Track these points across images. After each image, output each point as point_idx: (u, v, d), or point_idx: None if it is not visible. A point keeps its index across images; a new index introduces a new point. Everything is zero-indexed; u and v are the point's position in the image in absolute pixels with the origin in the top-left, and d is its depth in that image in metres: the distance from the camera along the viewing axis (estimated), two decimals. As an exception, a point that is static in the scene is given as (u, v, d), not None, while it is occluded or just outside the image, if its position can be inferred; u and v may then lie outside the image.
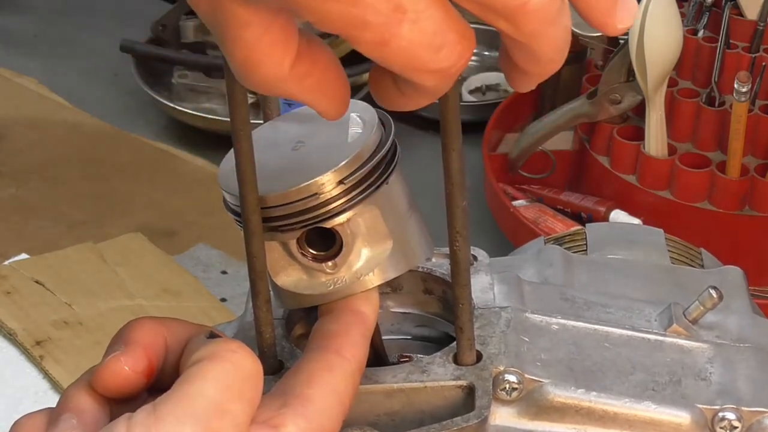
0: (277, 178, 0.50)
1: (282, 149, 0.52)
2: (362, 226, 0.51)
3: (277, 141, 0.53)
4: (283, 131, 0.54)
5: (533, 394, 0.55)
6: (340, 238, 0.51)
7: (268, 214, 0.50)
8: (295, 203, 0.50)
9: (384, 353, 0.57)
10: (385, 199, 0.51)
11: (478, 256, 0.61)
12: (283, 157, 0.52)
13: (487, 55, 1.75)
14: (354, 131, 0.51)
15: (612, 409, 0.55)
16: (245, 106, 0.47)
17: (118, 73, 1.70)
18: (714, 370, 0.57)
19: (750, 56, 1.31)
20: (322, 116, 0.44)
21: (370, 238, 0.51)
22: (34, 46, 1.80)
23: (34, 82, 1.69)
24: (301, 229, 0.51)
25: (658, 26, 1.25)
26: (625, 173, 1.34)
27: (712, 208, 1.29)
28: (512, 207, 1.33)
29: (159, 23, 1.64)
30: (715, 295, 0.58)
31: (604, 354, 0.57)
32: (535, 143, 1.41)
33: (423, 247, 0.53)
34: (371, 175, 0.50)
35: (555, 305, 0.60)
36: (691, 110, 1.32)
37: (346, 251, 0.51)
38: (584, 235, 0.71)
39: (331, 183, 0.50)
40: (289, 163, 0.51)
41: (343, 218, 0.50)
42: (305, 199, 0.50)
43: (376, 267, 0.52)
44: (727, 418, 0.55)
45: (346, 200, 0.50)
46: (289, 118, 0.55)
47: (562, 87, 1.45)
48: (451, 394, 0.54)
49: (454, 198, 0.50)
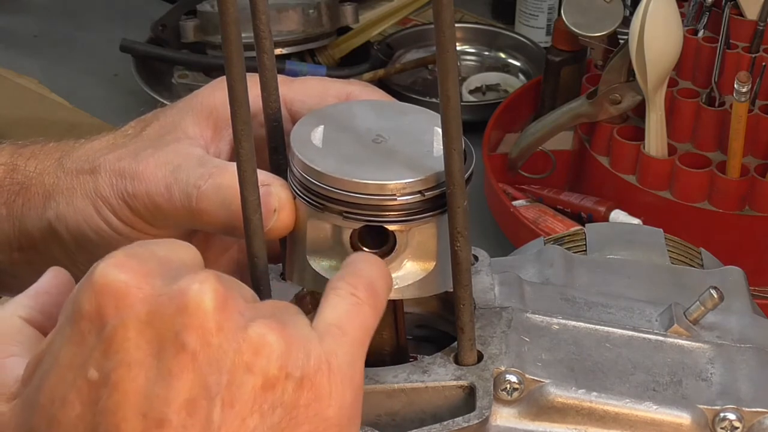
0: (356, 166, 0.51)
1: (362, 138, 0.53)
2: (416, 239, 0.52)
3: (356, 128, 0.53)
4: (361, 118, 0.54)
5: (534, 394, 0.55)
6: (394, 243, 0.52)
7: (337, 196, 0.51)
8: (371, 196, 0.50)
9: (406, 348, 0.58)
10: (444, 222, 0.52)
11: (479, 256, 0.61)
12: (363, 146, 0.52)
13: (487, 55, 1.75)
14: (439, 147, 0.51)
15: (613, 409, 0.55)
16: (246, 106, 0.47)
17: (118, 73, 1.70)
18: (715, 371, 0.57)
19: (750, 56, 1.31)
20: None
21: (418, 253, 0.52)
22: (34, 46, 1.80)
23: (34, 82, 1.69)
24: (365, 222, 0.51)
25: (658, 26, 1.24)
26: (625, 173, 1.34)
27: (712, 208, 1.29)
28: (512, 207, 1.33)
29: (159, 23, 1.63)
30: (716, 296, 0.58)
31: (605, 354, 0.57)
32: (535, 143, 1.41)
33: (450, 278, 0.53)
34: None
35: (556, 305, 0.60)
36: (691, 110, 1.32)
37: (394, 257, 0.52)
38: (584, 235, 0.71)
39: (413, 190, 0.50)
40: (370, 154, 0.52)
41: (407, 226, 0.51)
42: (383, 196, 0.50)
43: (413, 281, 0.53)
44: (728, 419, 0.55)
45: (419, 211, 0.51)
46: (365, 105, 0.56)
47: (562, 87, 1.45)
48: (452, 394, 0.54)
49: (455, 198, 0.50)
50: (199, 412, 0.43)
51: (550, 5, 1.71)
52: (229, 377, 0.43)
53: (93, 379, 0.43)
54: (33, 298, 0.51)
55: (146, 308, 0.43)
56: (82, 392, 0.43)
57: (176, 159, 0.58)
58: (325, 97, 0.59)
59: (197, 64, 1.62)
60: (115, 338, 0.43)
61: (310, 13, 1.56)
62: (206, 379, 0.43)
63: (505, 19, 1.79)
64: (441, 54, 0.47)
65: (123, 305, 0.43)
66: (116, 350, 0.43)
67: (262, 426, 0.44)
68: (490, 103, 1.56)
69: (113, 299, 0.44)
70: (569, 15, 1.36)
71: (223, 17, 0.45)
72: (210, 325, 0.43)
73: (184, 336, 0.43)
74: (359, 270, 0.49)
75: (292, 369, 0.44)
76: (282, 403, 0.44)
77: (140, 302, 0.44)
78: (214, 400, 0.43)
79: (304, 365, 0.45)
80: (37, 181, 0.63)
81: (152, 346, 0.43)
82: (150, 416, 0.43)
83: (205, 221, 0.56)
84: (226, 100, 0.48)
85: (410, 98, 1.55)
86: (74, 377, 0.44)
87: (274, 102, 0.55)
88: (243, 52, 0.46)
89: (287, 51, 1.56)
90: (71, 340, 0.44)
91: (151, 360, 0.43)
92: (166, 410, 0.43)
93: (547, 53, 1.47)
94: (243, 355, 0.44)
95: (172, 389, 0.43)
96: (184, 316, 0.43)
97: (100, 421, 0.43)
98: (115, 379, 0.43)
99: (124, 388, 0.43)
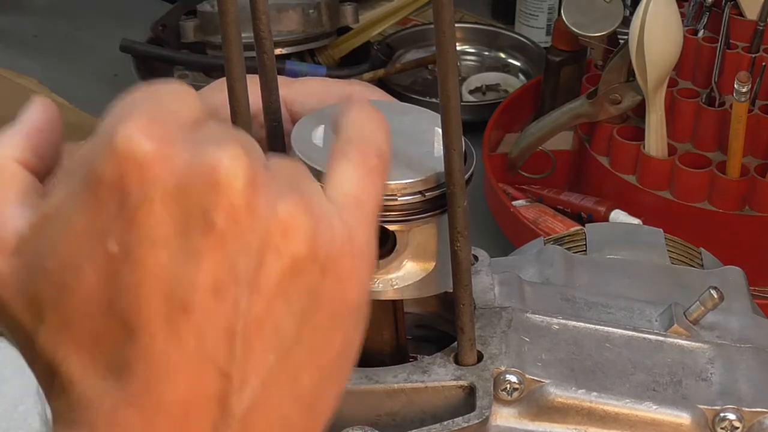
0: None
1: None
2: (416, 240, 0.52)
3: None
4: None
5: (534, 394, 0.55)
6: (394, 243, 0.52)
7: None
8: None
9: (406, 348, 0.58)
10: (445, 222, 0.52)
11: (479, 257, 0.61)
12: None
13: (487, 55, 1.75)
14: (440, 147, 0.51)
15: (613, 409, 0.55)
16: (246, 105, 0.47)
17: (118, 73, 1.70)
18: (715, 371, 0.57)
19: (750, 56, 1.31)
20: None
21: (418, 253, 0.52)
22: (34, 46, 1.80)
23: (34, 82, 1.68)
24: None
25: (658, 26, 1.24)
26: (625, 173, 1.34)
27: (712, 208, 1.29)
28: (512, 207, 1.33)
29: (159, 23, 1.63)
30: (716, 296, 0.58)
31: (605, 354, 0.57)
32: (535, 143, 1.41)
33: (450, 279, 0.53)
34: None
35: (556, 305, 0.60)
36: (691, 110, 1.32)
37: (394, 257, 0.52)
38: (584, 235, 0.71)
39: (413, 190, 0.51)
40: None
41: (407, 226, 0.51)
42: (383, 196, 0.50)
43: (413, 282, 0.53)
44: (728, 419, 0.55)
45: (419, 211, 0.51)
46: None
47: (562, 87, 1.45)
48: (452, 394, 0.54)
49: (455, 198, 0.50)
50: (225, 296, 0.40)
51: (550, 5, 1.71)
52: (257, 259, 0.41)
53: (113, 252, 0.40)
54: (26, 138, 0.46)
55: (173, 182, 0.40)
56: (100, 263, 0.40)
57: None
58: (326, 98, 0.59)
59: (197, 64, 1.62)
60: (139, 212, 0.40)
61: (310, 13, 1.56)
62: (235, 261, 0.40)
63: (505, 19, 1.79)
64: (441, 54, 0.47)
65: (149, 177, 0.40)
66: (140, 225, 0.40)
67: (287, 311, 0.42)
68: (490, 103, 1.56)
69: (138, 169, 0.40)
70: (569, 15, 1.36)
71: (223, 17, 0.45)
72: (240, 203, 0.40)
73: (213, 214, 0.40)
74: (368, 135, 0.47)
75: (319, 251, 0.42)
76: (307, 288, 0.42)
77: (167, 175, 0.40)
78: (241, 284, 0.41)
79: (329, 247, 0.42)
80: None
81: (178, 224, 0.40)
82: (174, 298, 0.40)
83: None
84: (226, 102, 0.47)
85: (410, 98, 1.55)
86: (91, 246, 0.41)
87: (275, 102, 0.55)
88: (243, 52, 0.46)
89: (287, 51, 1.56)
90: (88, 205, 0.41)
91: (177, 238, 0.40)
92: (192, 293, 0.40)
93: (547, 53, 1.47)
94: (272, 236, 0.41)
95: (199, 271, 0.40)
96: (215, 193, 0.40)
97: (119, 297, 0.40)
98: (138, 256, 0.40)
99: (147, 267, 0.40)
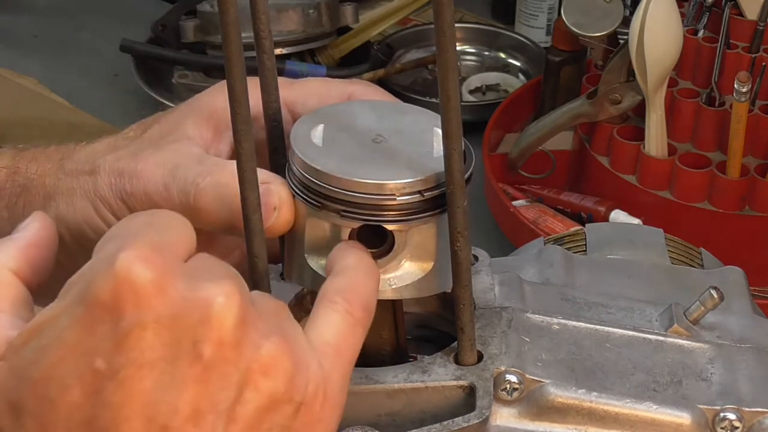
0: (355, 165, 0.51)
1: (362, 137, 0.53)
2: (414, 239, 0.52)
3: (357, 127, 0.54)
4: (361, 118, 0.54)
5: (534, 394, 0.55)
6: (392, 242, 0.52)
7: (336, 195, 0.51)
8: (370, 196, 0.50)
9: (406, 348, 0.58)
10: (444, 222, 0.52)
11: (479, 257, 0.61)
12: (363, 145, 0.52)
13: (487, 55, 1.75)
14: (439, 147, 0.51)
15: (613, 409, 0.55)
16: (246, 106, 0.47)
17: (118, 73, 1.70)
18: (715, 371, 0.57)
19: (750, 56, 1.31)
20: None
21: (416, 253, 0.52)
22: (34, 46, 1.80)
23: (34, 82, 1.68)
24: (364, 221, 0.51)
25: (658, 26, 1.24)
26: (625, 173, 1.34)
27: (712, 208, 1.29)
28: (512, 207, 1.33)
29: (159, 23, 1.63)
30: (716, 296, 0.58)
31: (605, 354, 0.57)
32: (535, 143, 1.41)
33: (449, 279, 0.53)
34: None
35: (556, 305, 0.60)
36: (691, 110, 1.32)
37: (392, 257, 0.52)
38: (584, 235, 0.71)
39: (412, 190, 0.51)
40: (370, 154, 0.52)
41: (406, 226, 0.51)
42: (382, 195, 0.50)
43: (411, 282, 0.53)
44: (728, 419, 0.55)
45: (418, 211, 0.51)
46: (365, 105, 0.56)
47: (562, 87, 1.45)
48: (452, 394, 0.54)
49: (455, 198, 0.50)
50: (204, 425, 0.43)
51: (550, 5, 1.71)
52: (237, 393, 0.43)
53: (100, 370, 0.42)
54: (23, 251, 0.49)
55: (168, 312, 0.43)
56: (85, 380, 0.42)
57: (175, 158, 0.58)
58: (327, 98, 0.59)
59: (197, 64, 1.62)
60: (130, 335, 0.42)
61: (310, 13, 1.56)
62: (216, 392, 0.43)
63: (505, 19, 1.79)
64: (441, 54, 0.47)
65: (144, 304, 0.42)
66: (130, 347, 0.42)
67: None
68: (490, 103, 1.56)
69: (134, 295, 0.42)
70: (569, 15, 1.36)
71: (223, 17, 0.45)
72: (229, 338, 0.43)
73: (202, 346, 0.43)
74: (358, 286, 0.50)
75: (295, 393, 0.45)
76: (280, 424, 0.45)
77: (162, 305, 0.43)
78: (220, 414, 0.43)
79: (305, 390, 0.45)
80: (38, 183, 0.63)
81: (167, 351, 0.43)
82: (154, 422, 0.42)
83: (204, 219, 0.56)
84: (227, 104, 0.48)
85: (410, 98, 1.55)
86: (78, 362, 0.43)
87: (274, 102, 0.55)
88: (243, 52, 0.46)
89: (287, 51, 1.56)
90: (81, 322, 0.43)
91: (165, 364, 0.42)
92: (173, 418, 0.42)
93: (547, 53, 1.47)
94: (254, 373, 0.44)
95: (182, 398, 0.42)
96: (205, 326, 0.43)
97: (101, 415, 0.42)
98: (124, 376, 0.42)
99: (132, 388, 0.42)
